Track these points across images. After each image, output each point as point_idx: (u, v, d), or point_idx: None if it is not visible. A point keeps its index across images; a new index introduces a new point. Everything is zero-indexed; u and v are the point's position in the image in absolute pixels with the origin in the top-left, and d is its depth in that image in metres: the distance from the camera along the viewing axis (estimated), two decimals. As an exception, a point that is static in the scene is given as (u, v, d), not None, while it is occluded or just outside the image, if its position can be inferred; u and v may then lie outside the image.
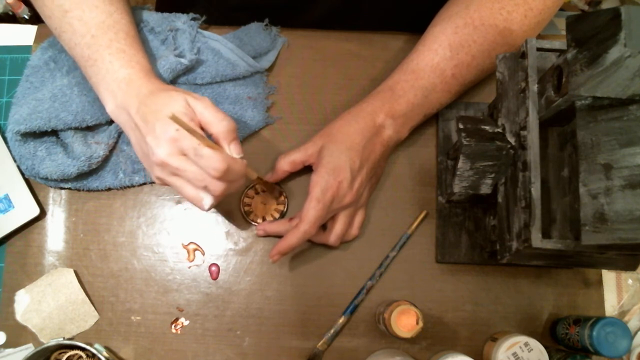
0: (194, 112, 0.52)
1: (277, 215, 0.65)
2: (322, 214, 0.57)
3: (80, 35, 0.57)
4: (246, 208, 0.65)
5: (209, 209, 0.53)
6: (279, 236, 0.63)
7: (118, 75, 0.56)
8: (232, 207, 0.66)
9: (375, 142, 0.60)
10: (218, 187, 0.51)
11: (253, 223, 0.65)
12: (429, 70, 0.60)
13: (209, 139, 0.51)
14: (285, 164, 0.62)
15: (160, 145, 0.50)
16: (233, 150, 0.53)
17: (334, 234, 0.61)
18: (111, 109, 0.57)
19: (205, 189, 0.51)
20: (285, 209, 0.65)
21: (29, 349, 0.62)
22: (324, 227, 0.63)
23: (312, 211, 0.57)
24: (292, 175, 0.65)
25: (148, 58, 0.60)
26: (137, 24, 0.66)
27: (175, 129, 0.49)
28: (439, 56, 0.60)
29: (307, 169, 0.63)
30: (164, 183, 0.54)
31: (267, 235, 0.65)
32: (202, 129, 0.52)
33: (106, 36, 0.57)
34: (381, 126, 0.60)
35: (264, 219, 0.65)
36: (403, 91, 0.61)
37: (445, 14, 0.63)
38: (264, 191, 0.66)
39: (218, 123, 0.52)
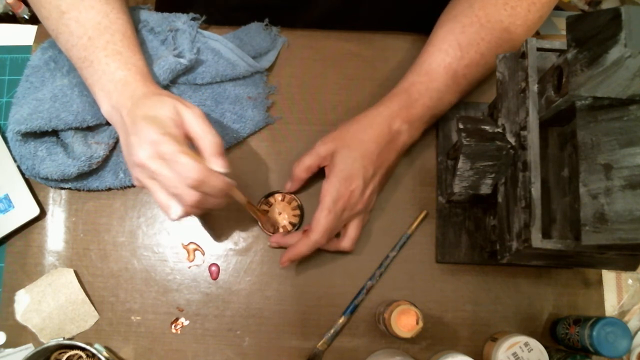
0: (181, 120, 0.52)
1: (296, 221, 0.65)
2: (332, 224, 0.57)
3: (77, 36, 0.57)
4: (259, 215, 0.65)
5: (177, 219, 0.52)
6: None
7: (114, 77, 0.56)
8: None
9: (390, 149, 0.60)
10: (190, 196, 0.50)
11: (268, 233, 0.65)
12: (442, 72, 0.60)
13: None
14: (302, 172, 0.62)
15: (142, 147, 0.50)
16: (216, 164, 0.51)
17: (347, 239, 0.61)
18: (106, 110, 0.57)
19: (177, 196, 0.50)
20: (301, 216, 0.65)
21: (29, 349, 0.62)
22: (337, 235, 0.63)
23: (323, 221, 0.57)
24: (307, 182, 0.65)
25: (145, 60, 0.59)
26: (137, 24, 0.66)
27: (158, 132, 0.49)
28: (450, 57, 0.60)
29: (322, 173, 0.63)
30: (142, 185, 0.54)
31: (280, 247, 0.64)
32: (189, 139, 0.52)
33: (102, 38, 0.57)
34: (397, 132, 0.60)
35: (284, 229, 0.65)
36: (419, 94, 0.60)
37: (450, 14, 0.63)
38: (282, 200, 0.66)
39: (204, 136, 0.51)
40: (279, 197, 0.66)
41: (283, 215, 0.65)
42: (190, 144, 0.52)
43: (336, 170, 0.58)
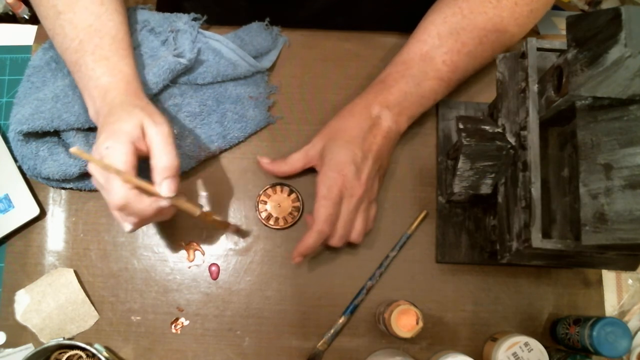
0: (145, 135, 0.51)
1: (296, 213, 0.65)
2: (332, 211, 0.57)
3: (70, 39, 0.57)
4: (263, 213, 0.65)
5: (130, 232, 0.53)
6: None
7: (99, 83, 0.56)
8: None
9: (375, 133, 0.60)
10: (122, 218, 0.51)
11: (272, 227, 0.65)
12: (418, 59, 0.61)
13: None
14: (285, 166, 0.63)
15: (95, 156, 0.51)
16: (164, 187, 0.50)
17: (355, 232, 0.61)
18: (91, 114, 0.58)
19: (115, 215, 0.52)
20: (301, 209, 0.65)
21: (29, 349, 0.62)
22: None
23: (321, 209, 0.57)
24: (307, 175, 0.65)
25: (134, 65, 0.59)
26: (138, 24, 0.66)
27: (105, 147, 0.49)
28: (427, 45, 0.61)
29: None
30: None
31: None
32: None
33: (92, 41, 0.57)
34: (377, 117, 0.60)
35: (284, 221, 0.65)
36: (394, 81, 0.61)
37: (435, 7, 0.64)
38: (281, 192, 0.66)
39: (159, 157, 0.50)
40: (279, 189, 0.66)
41: (283, 207, 0.66)
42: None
43: (325, 160, 0.59)
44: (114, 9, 0.59)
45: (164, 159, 0.50)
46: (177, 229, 0.66)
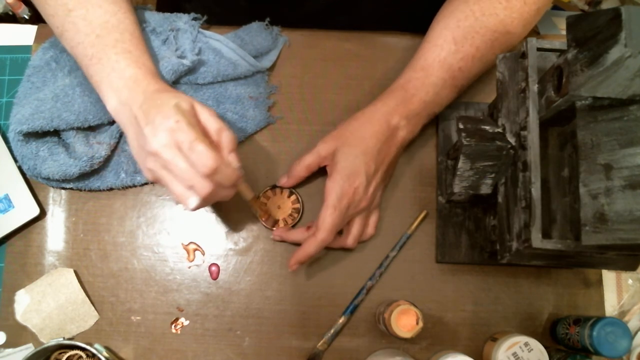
0: (198, 115, 0.52)
1: (296, 215, 0.65)
2: (338, 221, 0.57)
3: (84, 34, 0.57)
4: (261, 212, 0.65)
5: (195, 210, 0.52)
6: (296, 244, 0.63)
7: (124, 74, 0.55)
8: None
9: (390, 144, 0.60)
10: (205, 186, 0.50)
11: (270, 228, 0.65)
12: (438, 66, 0.60)
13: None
14: (302, 170, 0.62)
15: (157, 135, 0.50)
16: (232, 159, 0.52)
17: (351, 237, 0.62)
18: (113, 106, 0.56)
19: (192, 188, 0.50)
20: (301, 210, 0.65)
21: (29, 349, 0.62)
22: (340, 232, 0.63)
23: (328, 219, 0.57)
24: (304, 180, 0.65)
25: (153, 60, 0.59)
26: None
27: (175, 120, 0.49)
28: (445, 51, 0.60)
29: (320, 171, 0.63)
30: (155, 177, 0.53)
31: (283, 241, 0.64)
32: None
33: (111, 36, 0.57)
34: (396, 128, 0.60)
35: (284, 222, 0.65)
36: (415, 90, 0.61)
37: (446, 10, 0.63)
38: (282, 194, 0.66)
39: (221, 131, 0.52)
40: (278, 190, 0.66)
41: (283, 208, 0.65)
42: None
43: (338, 167, 0.58)
44: (126, 7, 0.60)
45: (227, 133, 0.53)
46: (177, 229, 0.66)
